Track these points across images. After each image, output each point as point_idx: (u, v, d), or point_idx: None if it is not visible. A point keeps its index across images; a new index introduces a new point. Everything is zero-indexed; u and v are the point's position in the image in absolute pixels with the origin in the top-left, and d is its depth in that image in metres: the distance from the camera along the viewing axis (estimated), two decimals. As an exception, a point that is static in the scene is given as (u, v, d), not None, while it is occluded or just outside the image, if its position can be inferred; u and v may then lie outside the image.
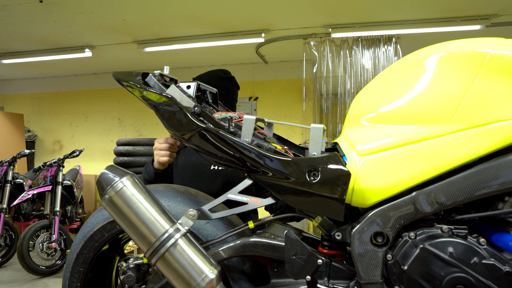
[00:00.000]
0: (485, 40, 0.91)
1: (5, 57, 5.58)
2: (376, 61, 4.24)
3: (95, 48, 5.21)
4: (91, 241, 1.12)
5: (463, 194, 0.83)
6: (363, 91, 1.04)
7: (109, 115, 6.73)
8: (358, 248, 0.88)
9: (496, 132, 0.82)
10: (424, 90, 0.92)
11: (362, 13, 4.06)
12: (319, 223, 0.97)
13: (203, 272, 0.89)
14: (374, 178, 0.88)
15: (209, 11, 4.03)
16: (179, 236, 0.91)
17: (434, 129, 0.87)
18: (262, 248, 0.98)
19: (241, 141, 0.94)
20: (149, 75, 1.12)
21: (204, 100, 1.22)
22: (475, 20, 4.09)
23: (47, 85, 7.14)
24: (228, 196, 0.99)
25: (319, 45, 4.48)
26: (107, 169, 0.95)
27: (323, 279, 0.93)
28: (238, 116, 1.06)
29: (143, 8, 3.95)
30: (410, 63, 0.97)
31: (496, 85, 0.85)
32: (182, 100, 1.04)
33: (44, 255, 3.94)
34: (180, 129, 0.99)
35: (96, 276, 1.22)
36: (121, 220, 0.92)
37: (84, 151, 4.83)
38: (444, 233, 0.84)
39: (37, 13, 4.05)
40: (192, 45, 4.87)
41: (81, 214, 5.00)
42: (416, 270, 0.83)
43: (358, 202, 0.90)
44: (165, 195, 1.12)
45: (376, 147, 0.90)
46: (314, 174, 0.90)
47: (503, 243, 0.81)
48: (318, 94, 4.41)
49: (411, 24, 4.21)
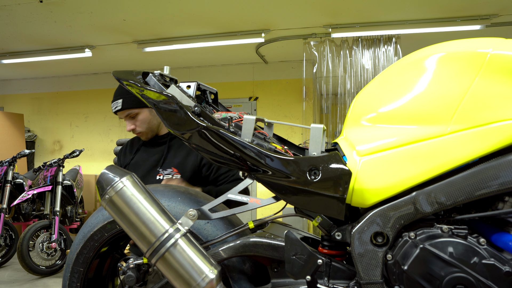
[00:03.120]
0: (485, 40, 0.91)
1: (5, 57, 5.57)
2: (376, 61, 4.24)
3: (95, 48, 5.21)
4: (91, 241, 1.12)
5: (463, 194, 0.83)
6: (363, 91, 1.04)
7: (109, 115, 6.72)
8: (358, 248, 0.88)
9: (496, 132, 0.82)
10: (424, 90, 0.92)
11: (362, 13, 4.06)
12: (319, 223, 0.97)
13: (203, 272, 0.89)
14: (374, 178, 0.88)
15: (209, 11, 4.03)
16: (179, 236, 0.91)
17: (434, 129, 0.87)
18: (262, 248, 0.98)
19: (241, 140, 0.94)
20: (149, 75, 1.12)
21: (204, 100, 1.22)
22: (475, 20, 4.09)
23: (47, 85, 7.14)
24: (228, 196, 0.99)
25: (319, 45, 4.48)
26: (107, 169, 0.95)
27: (323, 279, 0.93)
28: (238, 116, 1.06)
29: (143, 8, 3.94)
30: (410, 63, 0.97)
31: (496, 85, 0.85)
32: (182, 99, 1.04)
33: (44, 255, 3.94)
34: (180, 128, 0.99)
35: (96, 276, 1.22)
36: (121, 220, 0.92)
37: (84, 151, 4.83)
38: (444, 233, 0.84)
39: (37, 13, 4.05)
40: (192, 45, 4.87)
41: (81, 214, 5.00)
42: (416, 270, 0.83)
43: (358, 202, 0.91)
44: (165, 195, 1.12)
45: (376, 147, 0.90)
46: (315, 173, 0.90)
47: (503, 243, 0.81)
48: (318, 94, 4.41)
49: (411, 24, 4.21)
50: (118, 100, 1.78)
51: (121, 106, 1.78)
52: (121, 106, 1.78)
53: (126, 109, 1.78)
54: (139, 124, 1.82)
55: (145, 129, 1.83)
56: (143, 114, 1.81)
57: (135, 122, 1.82)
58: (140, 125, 1.82)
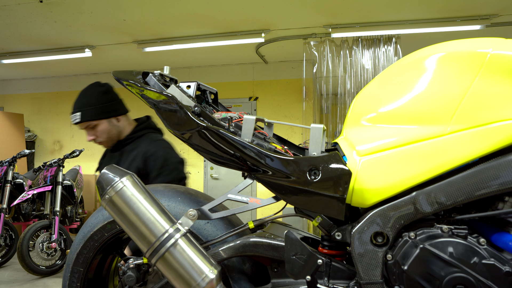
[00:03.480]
0: (485, 40, 0.91)
1: (5, 57, 5.58)
2: (376, 61, 4.24)
3: (95, 48, 5.21)
4: (91, 241, 1.12)
5: (463, 194, 0.83)
6: (363, 91, 1.04)
7: (109, 115, 6.72)
8: (358, 248, 0.88)
9: (496, 132, 0.82)
10: (424, 90, 0.92)
11: (362, 13, 4.06)
12: (319, 223, 0.97)
13: (203, 272, 0.89)
14: (374, 178, 0.88)
15: (209, 11, 4.03)
16: (179, 236, 0.91)
17: (434, 129, 0.87)
18: (262, 248, 0.98)
19: (242, 140, 0.94)
20: (149, 75, 1.12)
21: (204, 100, 1.22)
22: (475, 20, 4.09)
23: (47, 85, 7.14)
24: (228, 196, 0.99)
25: (319, 45, 4.48)
26: (107, 169, 0.95)
27: (323, 279, 0.93)
28: (238, 116, 1.06)
29: (143, 8, 3.95)
30: (410, 63, 0.97)
31: (496, 85, 0.85)
32: (182, 99, 1.04)
33: (44, 255, 3.94)
34: (180, 128, 0.99)
35: (96, 276, 1.22)
36: (121, 220, 0.92)
37: (84, 151, 4.83)
38: (444, 233, 0.84)
39: (37, 13, 4.05)
40: (192, 45, 4.87)
41: (81, 214, 5.00)
42: (416, 270, 0.83)
43: (358, 202, 0.91)
44: (165, 195, 1.12)
45: (376, 147, 0.90)
46: (315, 173, 0.90)
47: (503, 243, 0.81)
48: (318, 94, 4.41)
49: (411, 24, 4.21)
50: (76, 113, 1.83)
51: (80, 118, 1.82)
52: (80, 118, 1.82)
53: (85, 121, 1.83)
54: (99, 134, 1.87)
55: (105, 139, 1.89)
56: (102, 125, 1.86)
57: (95, 133, 1.87)
58: (100, 135, 1.87)
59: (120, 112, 1.92)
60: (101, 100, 1.86)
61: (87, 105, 1.83)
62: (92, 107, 1.83)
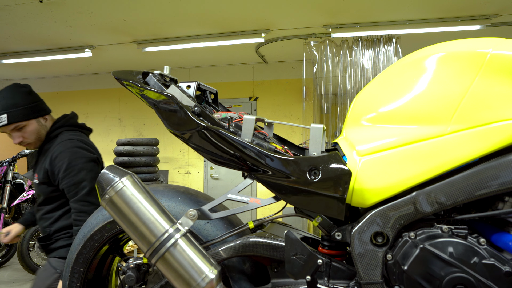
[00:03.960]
0: (485, 40, 0.91)
1: (5, 57, 5.57)
2: (376, 61, 4.24)
3: (95, 48, 5.21)
4: (91, 241, 1.12)
5: (463, 194, 0.83)
6: (363, 91, 1.04)
7: (109, 115, 6.72)
8: (358, 248, 0.88)
9: (496, 132, 0.82)
10: (424, 90, 0.92)
11: (362, 13, 4.06)
12: (319, 223, 0.97)
13: (203, 272, 0.89)
14: (374, 178, 0.88)
15: (209, 11, 4.03)
16: (179, 236, 0.91)
17: (434, 129, 0.87)
18: (262, 248, 0.98)
19: (242, 140, 0.94)
20: (149, 75, 1.12)
21: (204, 100, 1.22)
22: (475, 20, 4.09)
23: (47, 85, 7.14)
24: (228, 196, 0.99)
25: (319, 45, 4.48)
26: (107, 169, 0.95)
27: (323, 279, 0.93)
28: (238, 116, 1.07)
29: (143, 8, 3.94)
30: (410, 63, 0.97)
31: (496, 85, 0.85)
32: (182, 99, 1.04)
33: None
34: (180, 128, 0.99)
35: (96, 276, 1.22)
36: (121, 220, 0.92)
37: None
38: (444, 233, 0.84)
39: (37, 13, 4.05)
40: (192, 45, 4.87)
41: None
42: (416, 270, 0.83)
43: (358, 202, 0.91)
44: (165, 195, 1.12)
45: (376, 147, 0.90)
46: (315, 173, 0.90)
47: (503, 243, 0.81)
48: (318, 94, 4.41)
49: (411, 24, 4.21)
50: (2, 115, 1.74)
51: (7, 120, 1.74)
52: (7, 120, 1.74)
53: (13, 122, 1.75)
54: (27, 135, 1.81)
55: (33, 140, 1.83)
56: (32, 126, 1.80)
57: (23, 134, 1.80)
58: (28, 136, 1.81)
59: (47, 112, 1.89)
60: (28, 101, 1.80)
61: (14, 106, 1.75)
62: (20, 108, 1.76)
